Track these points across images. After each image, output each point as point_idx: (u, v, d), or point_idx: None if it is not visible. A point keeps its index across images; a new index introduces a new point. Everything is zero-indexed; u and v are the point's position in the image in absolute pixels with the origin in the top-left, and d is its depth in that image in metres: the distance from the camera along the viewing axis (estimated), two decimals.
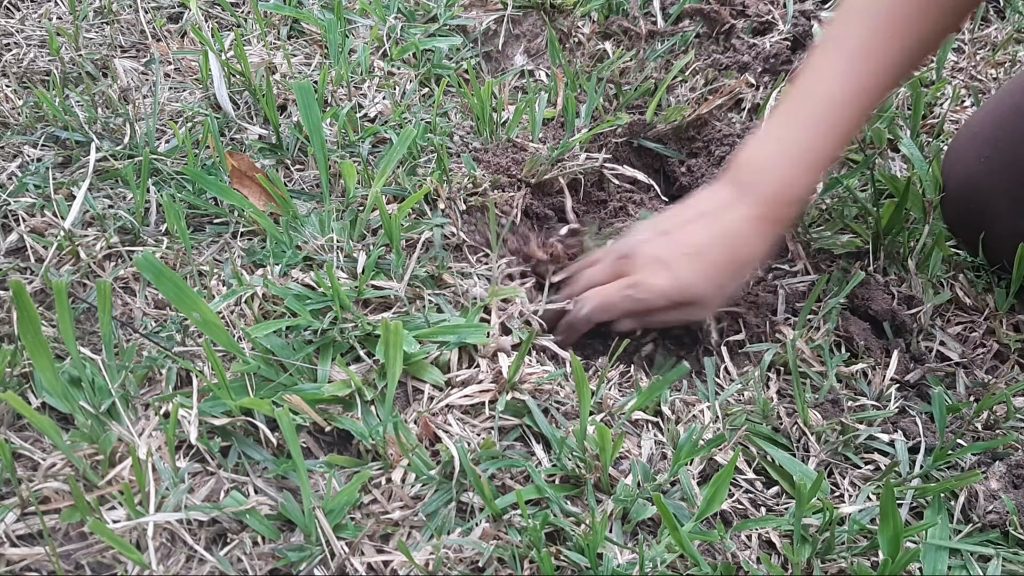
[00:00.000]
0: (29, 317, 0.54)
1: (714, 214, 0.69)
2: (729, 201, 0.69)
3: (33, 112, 0.84)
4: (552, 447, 0.62)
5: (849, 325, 0.74)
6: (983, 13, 1.10)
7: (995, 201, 0.75)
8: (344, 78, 0.91)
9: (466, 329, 0.66)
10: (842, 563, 0.56)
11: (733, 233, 0.69)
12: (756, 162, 0.69)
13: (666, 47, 1.02)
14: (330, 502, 0.56)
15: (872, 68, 0.66)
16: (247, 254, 0.74)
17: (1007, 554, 0.57)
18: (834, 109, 0.67)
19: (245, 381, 0.63)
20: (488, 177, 0.79)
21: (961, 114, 0.97)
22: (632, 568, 0.54)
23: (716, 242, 0.69)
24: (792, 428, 0.65)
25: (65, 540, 0.55)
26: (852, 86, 0.66)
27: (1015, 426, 0.67)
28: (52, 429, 0.55)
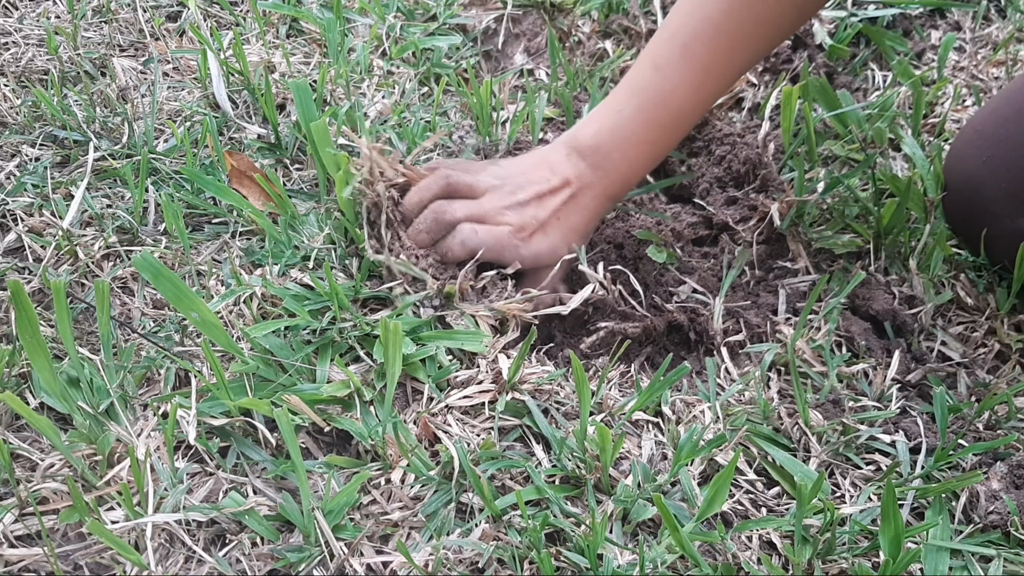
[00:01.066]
0: (27, 317, 0.53)
1: (574, 185, 0.74)
2: (585, 175, 0.74)
3: (31, 111, 0.84)
4: (552, 447, 0.62)
5: (850, 325, 0.74)
6: (984, 12, 1.10)
7: (997, 201, 0.75)
8: (343, 77, 0.91)
9: (464, 336, 0.66)
10: (843, 564, 0.56)
11: (576, 214, 0.75)
12: (604, 148, 0.74)
13: None
14: (329, 503, 0.56)
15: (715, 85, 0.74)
16: (246, 254, 0.74)
17: (1008, 555, 0.57)
18: (679, 120, 0.75)
19: (244, 381, 0.63)
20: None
21: (962, 113, 0.97)
22: (632, 569, 0.54)
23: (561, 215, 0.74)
24: (793, 428, 0.65)
25: (63, 541, 0.55)
26: (697, 101, 0.74)
27: (1016, 426, 0.67)
28: (50, 429, 0.55)
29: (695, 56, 0.71)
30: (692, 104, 0.74)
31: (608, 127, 0.74)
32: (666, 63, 0.72)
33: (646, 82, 0.73)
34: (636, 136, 0.74)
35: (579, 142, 0.75)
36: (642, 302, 0.76)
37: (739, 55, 0.72)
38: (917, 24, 1.08)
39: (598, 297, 0.75)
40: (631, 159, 0.75)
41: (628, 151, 0.74)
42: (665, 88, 0.73)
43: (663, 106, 0.73)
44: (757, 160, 0.86)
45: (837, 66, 1.03)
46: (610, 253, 0.81)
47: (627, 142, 0.74)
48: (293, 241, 0.73)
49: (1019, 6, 1.10)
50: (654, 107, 0.73)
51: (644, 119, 0.74)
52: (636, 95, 0.74)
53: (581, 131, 0.76)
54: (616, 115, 0.74)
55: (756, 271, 0.81)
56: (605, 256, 0.82)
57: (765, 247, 0.82)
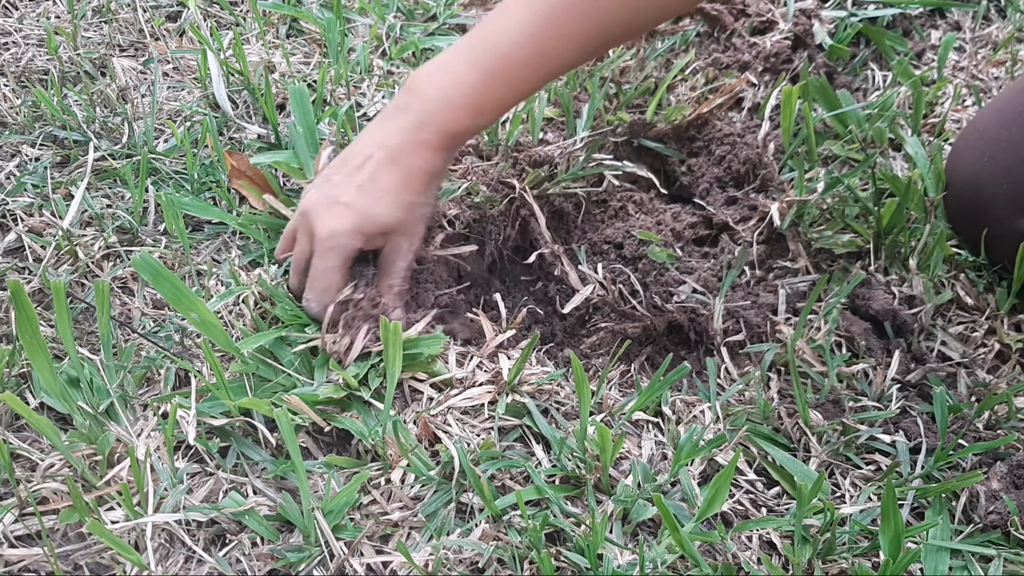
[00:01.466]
0: (27, 317, 0.53)
1: (377, 141, 0.69)
2: (389, 123, 0.69)
3: (31, 111, 0.84)
4: (552, 447, 0.62)
5: (850, 325, 0.74)
6: (984, 12, 1.10)
7: (997, 201, 0.75)
8: (343, 77, 0.91)
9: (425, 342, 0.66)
10: (843, 564, 0.56)
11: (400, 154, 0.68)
12: (428, 91, 0.69)
13: (666, 46, 1.02)
14: (329, 503, 0.56)
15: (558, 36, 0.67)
16: (245, 254, 0.74)
17: (1008, 555, 0.57)
18: (512, 67, 0.68)
19: (244, 381, 0.63)
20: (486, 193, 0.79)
21: (962, 113, 0.97)
22: (632, 569, 0.54)
23: (383, 167, 0.68)
24: (793, 428, 0.65)
25: (63, 541, 0.55)
26: (534, 49, 0.67)
27: (1016, 426, 0.67)
28: (50, 429, 0.55)
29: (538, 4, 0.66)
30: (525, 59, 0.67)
31: (435, 65, 0.70)
32: (511, 6, 0.68)
33: (485, 22, 0.69)
34: (459, 72, 0.68)
35: (404, 87, 0.71)
36: (642, 302, 0.76)
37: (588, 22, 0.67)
38: (917, 24, 1.08)
39: (598, 297, 0.75)
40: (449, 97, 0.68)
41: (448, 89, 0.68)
42: (499, 27, 0.68)
43: (493, 47, 0.67)
44: (757, 160, 0.86)
45: (837, 66, 1.03)
46: (610, 253, 0.82)
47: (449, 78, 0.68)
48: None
49: (1019, 6, 1.10)
50: (483, 46, 0.68)
51: (470, 58, 0.68)
52: (470, 36, 0.70)
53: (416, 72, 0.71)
54: (445, 55, 0.70)
55: (756, 271, 0.81)
56: (605, 256, 0.82)
57: (765, 247, 0.82)
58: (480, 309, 0.74)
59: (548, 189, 0.79)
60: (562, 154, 0.79)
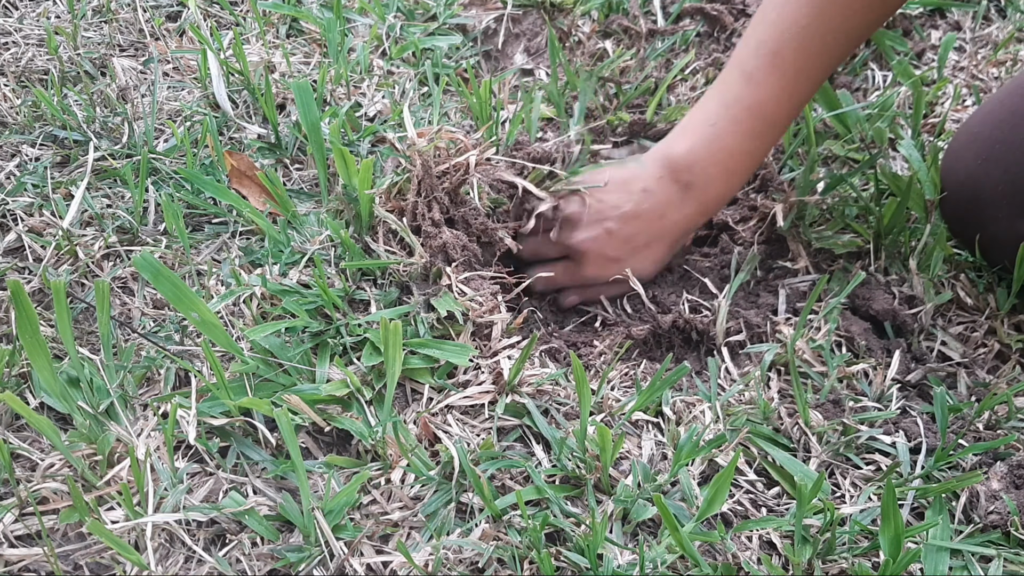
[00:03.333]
0: (27, 317, 0.53)
1: (659, 211, 0.76)
2: (674, 199, 0.75)
3: (31, 111, 0.84)
4: (552, 448, 0.62)
5: (850, 325, 0.74)
6: (984, 12, 1.10)
7: (994, 202, 0.74)
8: (343, 77, 0.91)
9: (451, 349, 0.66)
10: (843, 564, 0.56)
11: (676, 231, 0.77)
12: (700, 165, 0.74)
13: (667, 46, 1.02)
14: (329, 503, 0.56)
15: (807, 89, 0.73)
16: (245, 254, 0.74)
17: (1008, 555, 0.57)
18: (772, 126, 0.74)
19: (244, 381, 0.63)
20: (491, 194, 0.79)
21: (962, 113, 0.97)
22: (632, 569, 0.54)
23: (661, 237, 0.77)
24: (793, 429, 0.65)
25: (63, 541, 0.55)
26: (790, 107, 0.73)
27: (1016, 426, 0.67)
28: (50, 429, 0.55)
29: (786, 63, 0.70)
30: (786, 111, 0.73)
31: (702, 142, 0.74)
32: (756, 71, 0.71)
33: (738, 93, 0.72)
34: (733, 148, 0.73)
35: (673, 160, 0.75)
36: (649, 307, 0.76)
37: (828, 57, 0.71)
38: (917, 24, 1.08)
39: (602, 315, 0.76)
40: (730, 171, 0.74)
41: (726, 164, 0.74)
42: (758, 98, 0.72)
43: (758, 116, 0.72)
44: None
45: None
46: None
47: (723, 154, 0.73)
48: (292, 241, 0.73)
49: (1019, 6, 1.10)
50: (749, 117, 0.72)
51: (739, 130, 0.73)
52: (729, 107, 0.73)
53: (674, 147, 0.75)
54: (710, 128, 0.74)
55: (756, 271, 0.81)
56: None
57: (765, 247, 0.83)
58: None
59: (550, 187, 0.79)
60: (558, 148, 0.79)
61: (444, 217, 0.74)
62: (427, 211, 0.73)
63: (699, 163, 0.74)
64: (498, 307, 0.70)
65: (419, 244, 0.71)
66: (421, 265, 0.70)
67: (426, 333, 0.67)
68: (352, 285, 0.70)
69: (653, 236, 0.76)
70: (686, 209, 0.75)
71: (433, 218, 0.73)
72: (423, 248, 0.71)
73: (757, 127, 0.73)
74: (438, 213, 0.73)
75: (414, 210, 0.73)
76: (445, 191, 0.73)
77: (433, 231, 0.72)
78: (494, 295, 0.71)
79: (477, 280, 0.72)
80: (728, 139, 0.73)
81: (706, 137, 0.74)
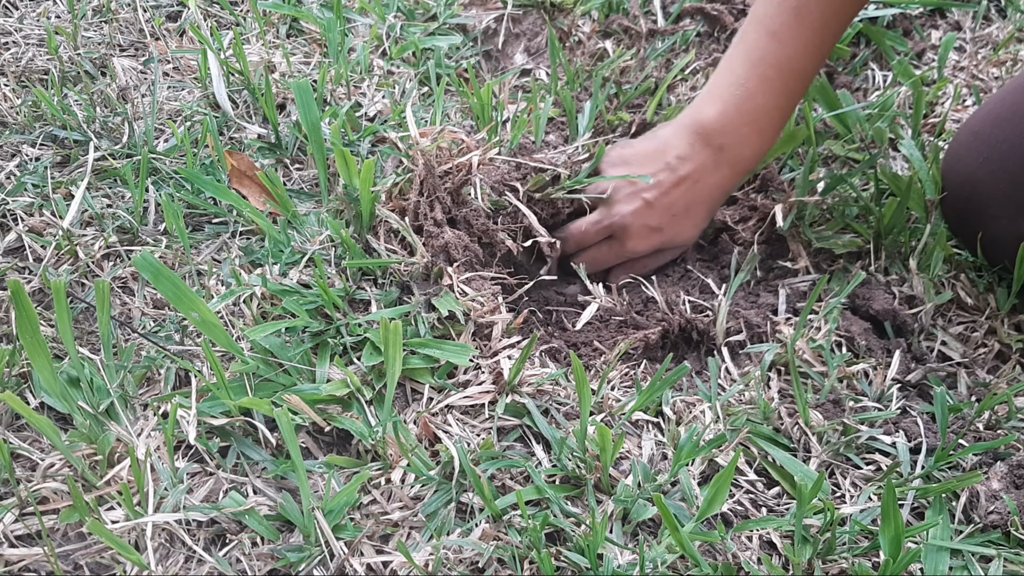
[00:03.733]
0: (27, 317, 0.53)
1: (695, 177, 0.76)
2: (708, 163, 0.76)
3: (31, 111, 0.84)
4: (552, 447, 0.62)
5: (850, 325, 0.74)
6: (984, 12, 1.10)
7: (994, 202, 0.74)
8: (343, 77, 0.91)
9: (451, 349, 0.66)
10: (843, 564, 0.56)
11: (714, 193, 0.78)
12: (732, 126, 0.75)
13: (667, 46, 1.02)
14: (329, 502, 0.56)
15: (831, 40, 0.73)
16: (245, 254, 0.74)
17: (1008, 554, 0.57)
18: (801, 80, 0.74)
19: (244, 381, 0.63)
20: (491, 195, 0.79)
21: (962, 113, 0.97)
22: (632, 569, 0.54)
23: (700, 201, 0.78)
24: (793, 428, 0.65)
25: (64, 540, 0.55)
26: (816, 60, 0.73)
27: (1016, 426, 0.67)
28: (50, 429, 0.55)
29: (811, 16, 0.71)
30: (812, 64, 0.73)
31: (733, 103, 0.74)
32: (782, 28, 0.72)
33: (764, 50, 0.73)
34: (764, 106, 0.74)
35: (703, 125, 0.75)
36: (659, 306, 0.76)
37: (849, 7, 0.72)
38: (917, 24, 1.08)
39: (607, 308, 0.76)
40: (762, 129, 0.75)
41: (759, 123, 0.74)
42: (786, 54, 0.72)
43: (787, 72, 0.73)
44: None
45: (837, 66, 1.03)
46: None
47: (756, 113, 0.74)
48: (292, 241, 0.73)
49: (1019, 6, 1.10)
50: (778, 74, 0.73)
51: (769, 88, 0.73)
52: (755, 65, 0.74)
53: (703, 111, 0.76)
54: (739, 89, 0.74)
55: (756, 271, 0.81)
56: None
57: (765, 247, 0.82)
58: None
59: (552, 194, 0.79)
60: (565, 163, 0.80)
61: (446, 217, 0.74)
62: (429, 211, 0.73)
63: (731, 125, 0.74)
64: (499, 308, 0.70)
65: (421, 244, 0.71)
66: (422, 265, 0.70)
67: (426, 333, 0.67)
68: (352, 285, 0.70)
69: (692, 201, 0.77)
70: (722, 171, 0.76)
71: (435, 218, 0.73)
72: (425, 248, 0.71)
73: (788, 84, 0.73)
74: (440, 213, 0.73)
75: (416, 210, 0.73)
76: (447, 191, 0.73)
77: (435, 231, 0.72)
78: (495, 295, 0.71)
79: (478, 280, 0.72)
80: (759, 98, 0.74)
81: (736, 98, 0.74)
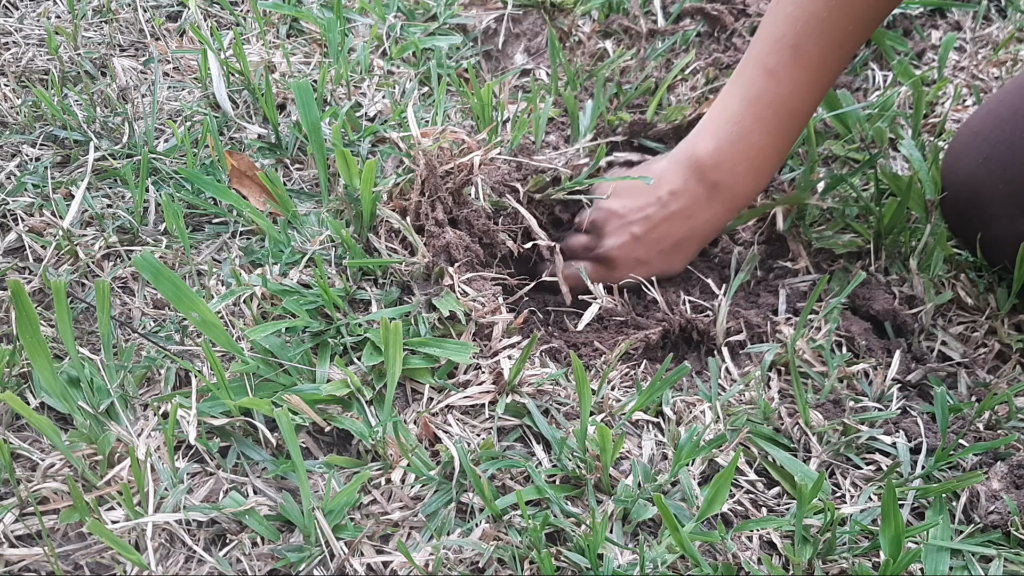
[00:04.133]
0: (28, 317, 0.53)
1: (686, 213, 0.76)
2: (701, 200, 0.76)
3: (31, 111, 0.84)
4: (552, 448, 0.62)
5: (850, 325, 0.74)
6: (984, 12, 1.10)
7: (994, 202, 0.74)
8: (343, 77, 0.91)
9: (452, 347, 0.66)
10: (843, 564, 0.56)
11: (706, 229, 0.78)
12: (727, 163, 0.74)
13: (667, 46, 1.02)
14: (329, 503, 0.56)
15: (828, 80, 0.72)
16: (245, 254, 0.74)
17: (1009, 555, 0.57)
18: (798, 119, 0.74)
19: (244, 381, 0.63)
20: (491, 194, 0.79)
21: (963, 113, 0.97)
22: (632, 569, 0.54)
23: (690, 238, 0.78)
24: (793, 429, 0.65)
25: (64, 540, 0.55)
26: (813, 100, 0.73)
27: (1017, 426, 0.67)
28: (51, 429, 0.55)
29: (808, 56, 0.70)
30: (809, 103, 0.73)
31: (728, 140, 0.74)
32: (778, 66, 0.71)
33: (761, 88, 0.72)
34: (759, 145, 0.73)
35: (698, 160, 0.75)
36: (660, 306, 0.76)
37: (849, 46, 0.71)
38: (917, 24, 1.08)
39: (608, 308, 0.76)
40: (757, 168, 0.74)
41: (753, 161, 0.74)
42: (782, 92, 0.72)
43: (782, 111, 0.72)
44: None
45: None
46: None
47: (751, 152, 0.74)
48: (292, 241, 0.73)
49: (1019, 6, 1.10)
50: (773, 113, 0.72)
51: (764, 127, 0.73)
52: (752, 104, 0.73)
53: (698, 147, 0.75)
54: (735, 127, 0.74)
55: (756, 271, 0.81)
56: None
57: (765, 247, 0.83)
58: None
59: (552, 195, 0.79)
60: (567, 164, 0.80)
61: (447, 217, 0.74)
62: (431, 211, 0.73)
63: (726, 162, 0.74)
64: (499, 308, 0.70)
65: (422, 243, 0.71)
66: (424, 265, 0.70)
67: (427, 332, 0.67)
68: (353, 285, 0.70)
69: (682, 238, 0.77)
70: (714, 209, 0.76)
71: (437, 218, 0.73)
72: (426, 247, 0.71)
73: (782, 122, 0.73)
74: (442, 213, 0.73)
75: (417, 209, 0.73)
76: (448, 191, 0.73)
77: (437, 231, 0.72)
78: (495, 296, 0.71)
79: (479, 281, 0.72)
80: (754, 136, 0.73)
81: (731, 135, 0.74)
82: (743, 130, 0.73)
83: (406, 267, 0.71)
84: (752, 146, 0.73)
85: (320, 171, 0.77)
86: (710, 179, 0.75)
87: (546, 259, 0.78)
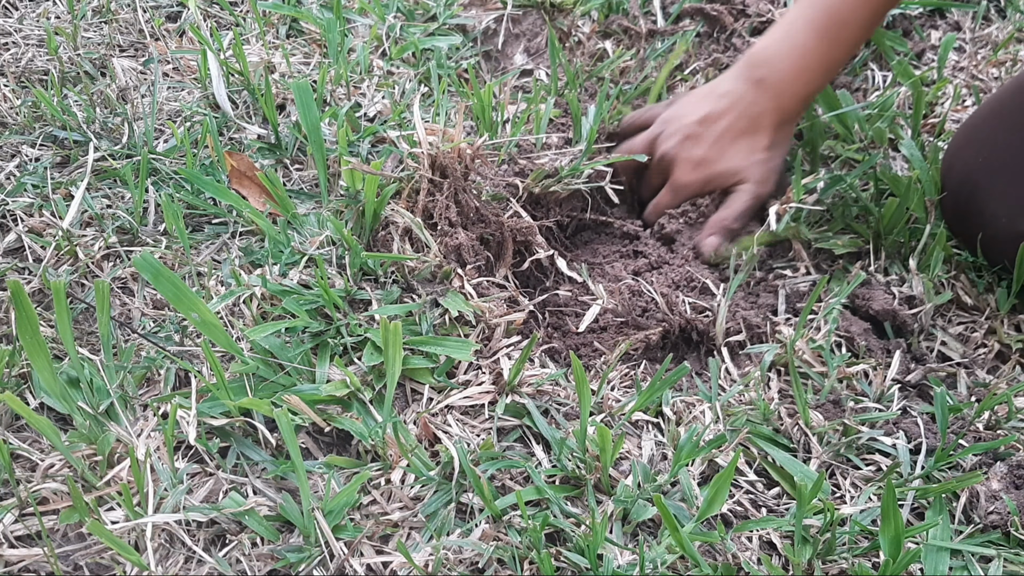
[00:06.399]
0: (27, 317, 0.53)
1: (737, 108, 0.80)
2: (749, 95, 0.79)
3: (31, 112, 0.84)
4: (552, 448, 0.62)
5: (850, 325, 0.74)
6: (984, 12, 1.10)
7: (993, 202, 0.74)
8: (343, 77, 0.91)
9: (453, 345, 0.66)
10: (843, 564, 0.56)
11: (758, 123, 0.79)
12: (773, 59, 0.78)
13: (666, 46, 1.02)
14: (329, 503, 0.56)
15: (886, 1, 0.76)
16: (245, 254, 0.74)
17: (1008, 555, 0.57)
18: (848, 34, 0.76)
19: (244, 381, 0.63)
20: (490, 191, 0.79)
21: (962, 113, 0.97)
22: (632, 569, 0.54)
23: (744, 131, 0.80)
24: (793, 429, 0.65)
25: (64, 541, 0.55)
26: (864, 15, 0.76)
27: (1016, 426, 0.67)
28: (50, 430, 0.55)
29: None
30: (860, 17, 0.76)
31: (776, 39, 0.78)
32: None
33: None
34: (805, 45, 0.77)
35: (748, 58, 0.79)
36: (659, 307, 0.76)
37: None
38: (917, 24, 1.08)
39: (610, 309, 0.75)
40: (801, 68, 0.77)
41: (798, 60, 0.77)
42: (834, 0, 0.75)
43: (833, 15, 0.76)
44: None
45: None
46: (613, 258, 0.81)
47: (797, 51, 0.77)
48: (292, 241, 0.73)
49: (1019, 6, 1.10)
50: (824, 16, 0.76)
51: (812, 28, 0.76)
52: (807, 8, 0.77)
53: (754, 47, 0.80)
54: (787, 26, 0.78)
55: (756, 271, 0.81)
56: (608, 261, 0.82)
57: (765, 247, 0.82)
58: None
59: (551, 187, 0.79)
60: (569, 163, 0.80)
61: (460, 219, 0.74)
62: (444, 211, 0.73)
63: (771, 58, 0.78)
64: (508, 314, 0.70)
65: (435, 243, 0.71)
66: (433, 265, 0.70)
67: (429, 331, 0.67)
68: (353, 285, 0.70)
69: (740, 131, 0.79)
70: (762, 103, 0.78)
71: (450, 218, 0.73)
72: (437, 247, 0.71)
73: (831, 27, 0.76)
74: (455, 213, 0.73)
75: (425, 209, 0.73)
76: (455, 191, 0.73)
77: (449, 231, 0.72)
78: (502, 301, 0.71)
79: (485, 284, 0.72)
80: (801, 36, 0.77)
81: (780, 34, 0.78)
82: (792, 30, 0.77)
83: (418, 264, 0.71)
84: (798, 46, 0.77)
85: (320, 171, 0.77)
86: (756, 75, 0.79)
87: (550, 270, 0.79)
